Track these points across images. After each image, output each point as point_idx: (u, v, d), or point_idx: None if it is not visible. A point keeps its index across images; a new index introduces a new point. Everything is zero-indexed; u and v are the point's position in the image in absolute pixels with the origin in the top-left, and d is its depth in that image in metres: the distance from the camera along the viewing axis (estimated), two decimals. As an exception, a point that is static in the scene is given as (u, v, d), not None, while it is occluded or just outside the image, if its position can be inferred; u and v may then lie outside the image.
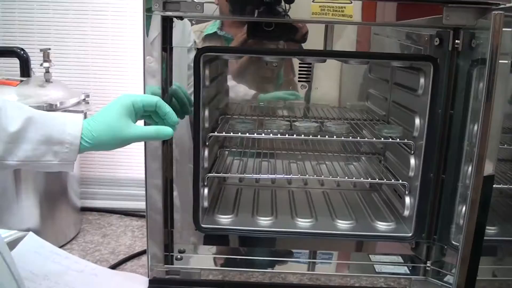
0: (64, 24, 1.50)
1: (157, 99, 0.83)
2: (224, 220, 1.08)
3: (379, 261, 1.04)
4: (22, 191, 1.20)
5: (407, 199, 1.05)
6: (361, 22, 0.90)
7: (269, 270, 1.05)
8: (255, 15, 0.88)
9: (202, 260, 1.05)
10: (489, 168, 0.80)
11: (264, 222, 1.08)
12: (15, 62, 1.27)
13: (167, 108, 0.84)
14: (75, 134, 0.77)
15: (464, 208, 0.88)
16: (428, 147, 0.97)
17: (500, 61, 0.75)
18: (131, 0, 1.45)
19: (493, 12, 0.74)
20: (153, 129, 0.83)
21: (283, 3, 0.86)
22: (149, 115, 0.86)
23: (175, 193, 1.01)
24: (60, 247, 1.27)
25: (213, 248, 1.06)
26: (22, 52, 1.26)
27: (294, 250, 1.05)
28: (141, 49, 0.90)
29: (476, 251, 0.84)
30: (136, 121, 0.83)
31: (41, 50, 1.28)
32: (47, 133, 0.76)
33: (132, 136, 0.81)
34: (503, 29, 0.75)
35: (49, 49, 1.29)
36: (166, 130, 0.83)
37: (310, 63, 1.33)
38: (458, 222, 0.95)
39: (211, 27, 0.93)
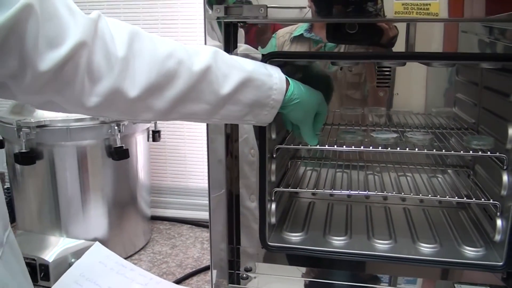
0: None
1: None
2: (293, 238, 1.01)
3: (465, 291, 0.91)
4: (90, 200, 1.20)
5: (499, 222, 0.91)
6: (448, 18, 0.79)
7: (341, 295, 0.96)
8: (342, 16, 0.81)
9: (269, 280, 0.98)
10: None
11: (337, 242, 0.98)
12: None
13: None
14: (278, 98, 0.80)
15: None
16: (524, 162, 0.83)
17: None
18: (201, 8, 1.42)
19: None
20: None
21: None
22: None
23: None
24: (128, 257, 1.27)
25: (281, 268, 0.98)
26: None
27: (370, 274, 0.95)
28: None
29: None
30: None
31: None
32: (255, 97, 0.77)
33: (310, 122, 0.87)
34: None
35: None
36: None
37: (389, 67, 1.22)
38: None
39: (299, 28, 0.86)
